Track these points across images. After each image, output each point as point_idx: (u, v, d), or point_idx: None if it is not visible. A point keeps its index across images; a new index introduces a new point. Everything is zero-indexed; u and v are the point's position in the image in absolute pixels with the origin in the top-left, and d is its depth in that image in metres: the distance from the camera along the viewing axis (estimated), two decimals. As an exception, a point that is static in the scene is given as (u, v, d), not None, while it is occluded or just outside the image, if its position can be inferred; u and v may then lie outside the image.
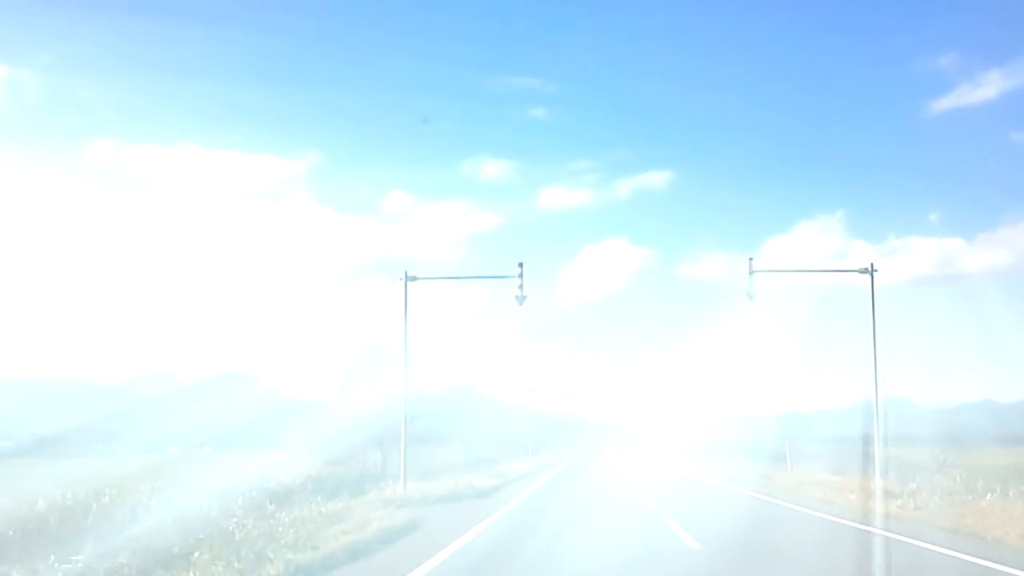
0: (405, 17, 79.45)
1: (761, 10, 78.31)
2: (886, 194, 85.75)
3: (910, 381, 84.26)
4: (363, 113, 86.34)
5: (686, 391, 79.07)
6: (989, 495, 19.77)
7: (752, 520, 18.60)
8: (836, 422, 46.53)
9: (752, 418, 58.28)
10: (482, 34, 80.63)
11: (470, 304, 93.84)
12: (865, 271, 24.83)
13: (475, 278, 35.95)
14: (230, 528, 12.59)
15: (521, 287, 24.50)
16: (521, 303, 24.66)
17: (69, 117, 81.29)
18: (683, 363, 75.77)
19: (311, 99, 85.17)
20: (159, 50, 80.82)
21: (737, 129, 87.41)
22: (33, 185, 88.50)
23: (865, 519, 16.86)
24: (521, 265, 24.67)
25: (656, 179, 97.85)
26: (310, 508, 16.51)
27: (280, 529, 13.08)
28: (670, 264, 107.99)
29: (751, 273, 24.75)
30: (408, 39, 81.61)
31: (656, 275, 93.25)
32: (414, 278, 25.53)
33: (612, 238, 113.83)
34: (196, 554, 10.42)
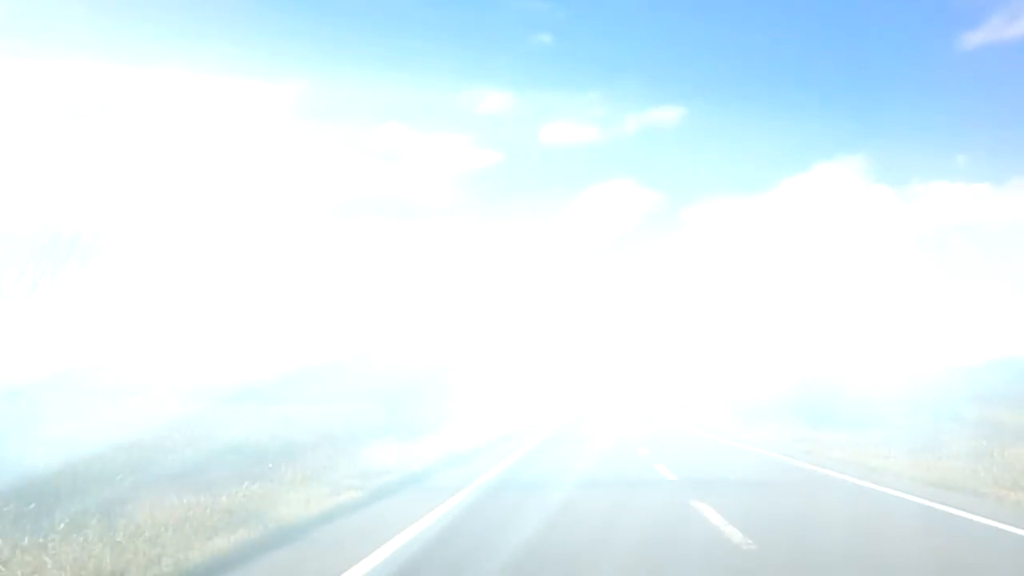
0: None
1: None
2: (911, 136, 78.97)
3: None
4: (355, 37, 76.44)
5: (713, 346, 71.06)
6: None
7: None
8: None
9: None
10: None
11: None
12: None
13: None
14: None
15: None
16: None
17: (45, 31, 73.41)
18: (702, 315, 69.57)
19: (302, 20, 77.34)
20: None
21: (753, 64, 75.66)
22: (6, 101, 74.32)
23: None
24: None
25: (668, 114, 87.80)
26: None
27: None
28: (679, 206, 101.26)
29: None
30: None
31: (663, 217, 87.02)
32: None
33: (619, 179, 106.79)
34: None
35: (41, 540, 8.28)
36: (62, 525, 8.90)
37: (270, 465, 15.00)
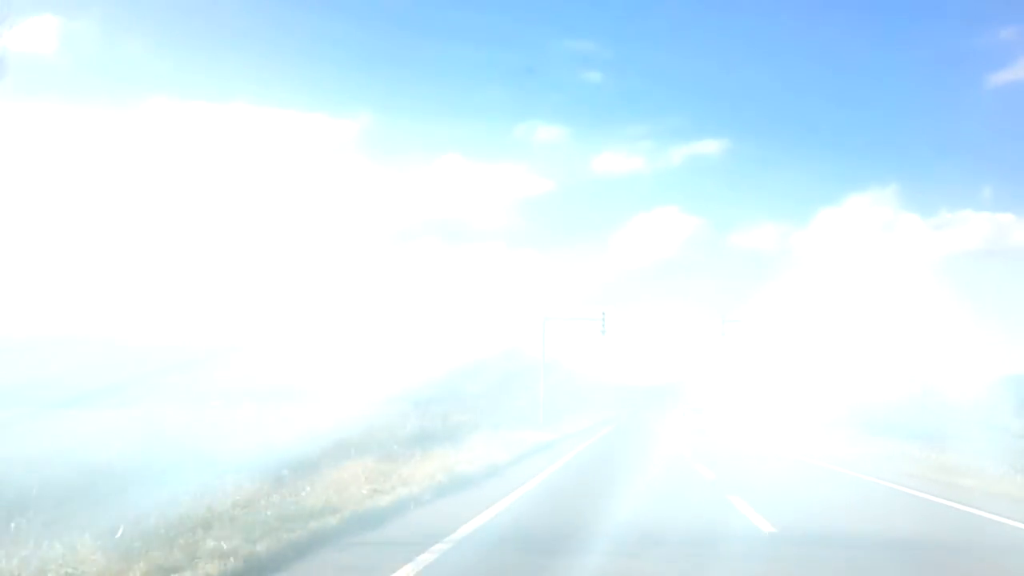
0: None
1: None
2: (939, 168, 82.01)
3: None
4: (417, 74, 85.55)
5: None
6: None
7: None
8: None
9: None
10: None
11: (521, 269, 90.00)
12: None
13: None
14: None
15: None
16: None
17: (121, 72, 78.30)
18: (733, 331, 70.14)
19: (364, 58, 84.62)
20: (210, 2, 79.41)
21: (792, 100, 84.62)
22: (86, 140, 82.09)
23: None
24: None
25: (710, 147, 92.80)
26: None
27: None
28: (721, 233, 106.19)
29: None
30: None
31: (707, 244, 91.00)
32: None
33: (664, 206, 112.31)
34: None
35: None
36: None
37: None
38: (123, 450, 14.27)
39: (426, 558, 8.20)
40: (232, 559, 7.46)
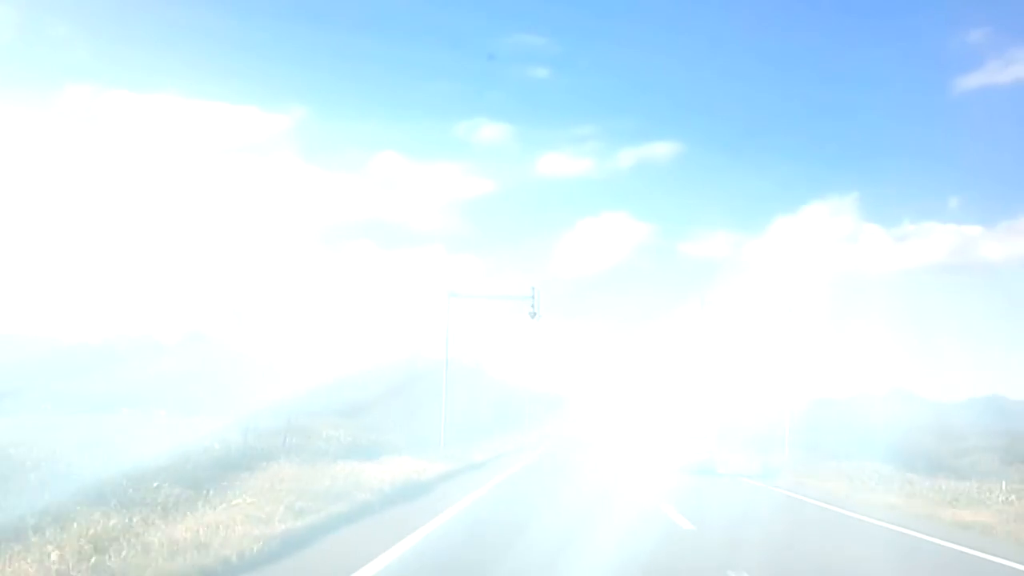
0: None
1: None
2: (903, 177, 76.64)
3: (912, 373, 76.24)
4: (354, 67, 78.08)
5: (690, 374, 70.68)
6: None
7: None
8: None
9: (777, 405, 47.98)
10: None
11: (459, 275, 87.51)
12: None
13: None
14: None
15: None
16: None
17: (41, 58, 71.68)
18: (681, 343, 66.49)
19: (298, 50, 79.92)
20: None
21: (749, 103, 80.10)
22: (2, 128, 75.81)
23: None
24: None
25: (661, 150, 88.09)
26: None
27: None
28: (671, 241, 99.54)
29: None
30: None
31: (657, 251, 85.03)
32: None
33: (613, 211, 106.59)
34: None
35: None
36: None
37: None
38: None
39: None
40: None
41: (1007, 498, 18.80)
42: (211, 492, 12.09)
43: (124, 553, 7.85)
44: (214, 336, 63.36)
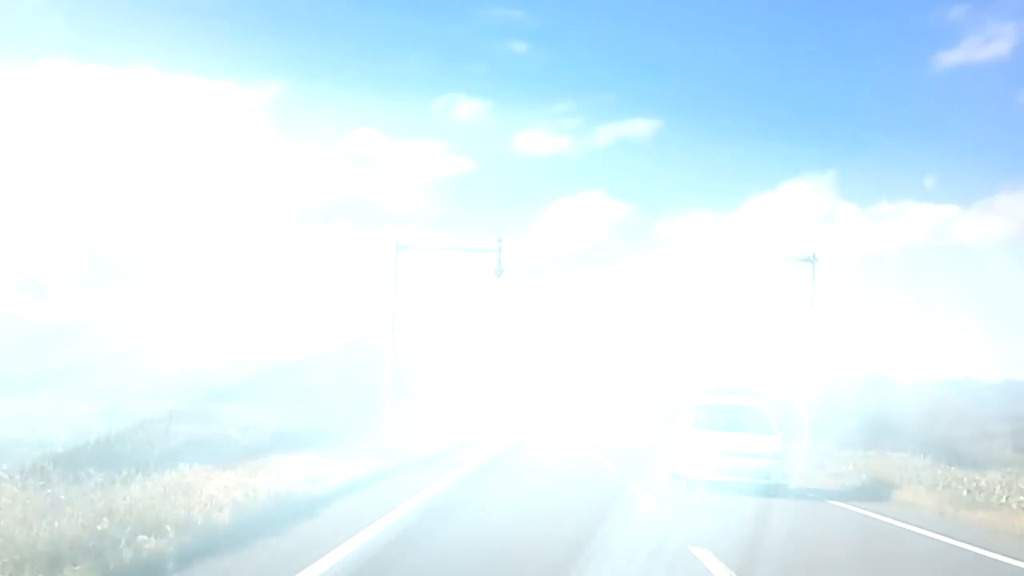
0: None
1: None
2: (881, 155, 73.32)
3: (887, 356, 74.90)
4: (331, 42, 76.05)
5: (661, 355, 73.20)
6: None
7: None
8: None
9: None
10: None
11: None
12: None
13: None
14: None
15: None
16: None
17: (13, 32, 70.37)
18: (659, 326, 70.04)
19: (274, 25, 77.55)
20: None
21: (727, 81, 78.00)
22: None
23: None
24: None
25: (640, 127, 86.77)
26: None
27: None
28: (649, 220, 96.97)
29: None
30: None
31: (633, 230, 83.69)
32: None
33: (590, 190, 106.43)
34: None
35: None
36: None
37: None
38: None
39: None
40: None
41: None
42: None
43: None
44: (165, 313, 59.08)
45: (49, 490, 8.58)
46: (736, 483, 17.29)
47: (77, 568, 6.47)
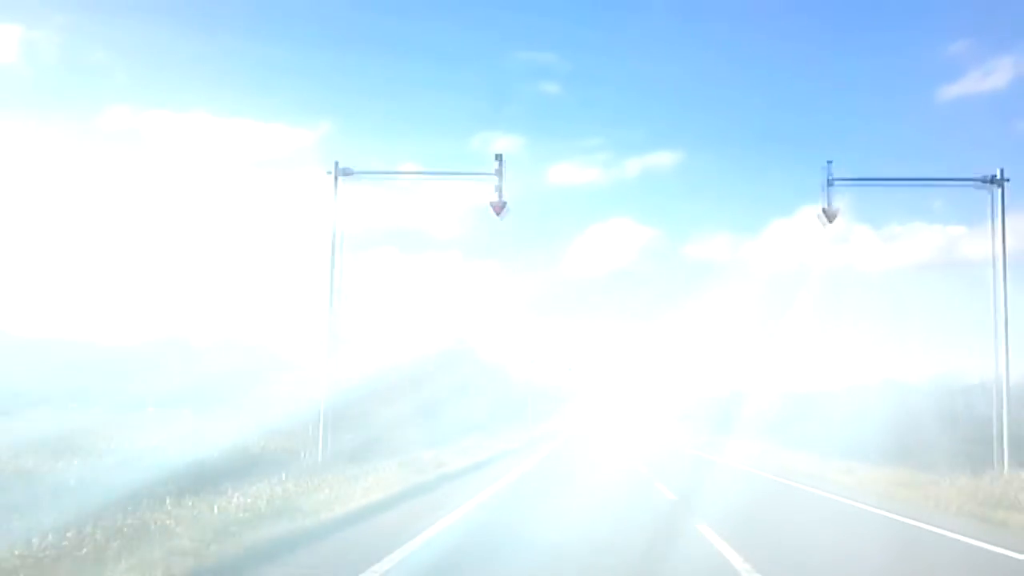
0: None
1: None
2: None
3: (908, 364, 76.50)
4: (376, 85, 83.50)
5: (688, 369, 78.50)
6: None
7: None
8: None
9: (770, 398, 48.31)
10: (501, 5, 79.66)
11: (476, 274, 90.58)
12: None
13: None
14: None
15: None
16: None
17: (83, 81, 75.53)
18: (685, 341, 73.75)
19: (323, 70, 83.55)
20: (172, 13, 76.14)
21: (746, 113, 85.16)
22: (47, 149, 79.04)
23: None
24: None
25: (664, 159, 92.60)
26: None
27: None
28: (675, 243, 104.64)
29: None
30: (424, 8, 79.27)
31: (661, 254, 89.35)
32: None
33: (619, 217, 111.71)
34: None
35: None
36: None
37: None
38: None
39: None
40: None
41: None
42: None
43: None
44: (245, 341, 64.24)
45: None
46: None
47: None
